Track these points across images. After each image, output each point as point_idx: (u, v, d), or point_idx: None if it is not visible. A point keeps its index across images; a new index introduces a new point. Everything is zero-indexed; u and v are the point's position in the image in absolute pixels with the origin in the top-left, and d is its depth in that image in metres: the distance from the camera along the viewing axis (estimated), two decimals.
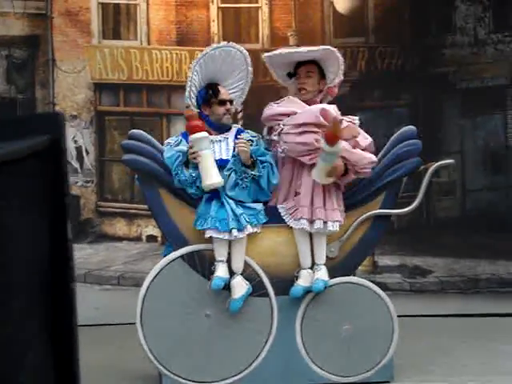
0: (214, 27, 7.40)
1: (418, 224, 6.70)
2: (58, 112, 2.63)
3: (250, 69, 4.36)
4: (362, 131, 4.23)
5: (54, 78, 7.21)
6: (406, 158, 4.31)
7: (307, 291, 4.18)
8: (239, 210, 4.05)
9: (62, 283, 1.45)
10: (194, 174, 4.04)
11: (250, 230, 4.08)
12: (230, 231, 4.04)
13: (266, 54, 4.39)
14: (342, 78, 4.30)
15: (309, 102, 4.21)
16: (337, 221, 4.10)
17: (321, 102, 4.25)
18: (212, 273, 4.10)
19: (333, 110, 4.12)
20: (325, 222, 4.07)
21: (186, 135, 4.19)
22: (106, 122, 7.29)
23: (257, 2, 7.45)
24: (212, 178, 3.99)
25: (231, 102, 4.31)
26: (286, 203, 4.15)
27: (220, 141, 4.23)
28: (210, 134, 4.15)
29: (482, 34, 6.97)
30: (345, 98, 7.43)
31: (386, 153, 4.35)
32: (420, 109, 7.09)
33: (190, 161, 4.04)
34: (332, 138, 3.83)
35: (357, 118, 4.27)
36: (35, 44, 7.24)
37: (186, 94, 4.29)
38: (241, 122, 6.11)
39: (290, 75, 4.31)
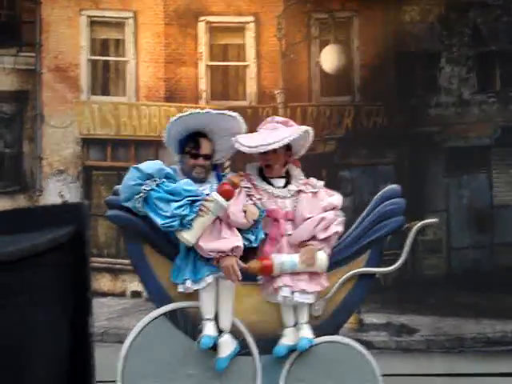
0: (202, 84, 7.48)
1: (404, 282, 6.69)
2: (82, 202, 2.61)
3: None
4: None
5: (41, 132, 7.24)
6: (390, 216, 4.31)
7: (291, 350, 4.14)
8: (201, 263, 3.93)
9: (82, 382, 1.40)
10: (189, 218, 3.85)
11: (208, 280, 3.95)
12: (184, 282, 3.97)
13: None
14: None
15: None
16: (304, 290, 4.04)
17: None
18: (197, 331, 4.05)
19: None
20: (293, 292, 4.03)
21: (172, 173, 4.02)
22: (93, 177, 7.30)
23: (245, 60, 7.55)
24: (191, 235, 3.94)
25: (208, 157, 4.10)
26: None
27: (204, 190, 4.02)
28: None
29: (466, 95, 7.08)
30: (331, 155, 7.51)
31: (370, 211, 4.35)
32: (405, 167, 7.15)
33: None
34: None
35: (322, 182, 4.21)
36: (24, 99, 7.28)
37: (165, 138, 4.11)
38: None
39: None
